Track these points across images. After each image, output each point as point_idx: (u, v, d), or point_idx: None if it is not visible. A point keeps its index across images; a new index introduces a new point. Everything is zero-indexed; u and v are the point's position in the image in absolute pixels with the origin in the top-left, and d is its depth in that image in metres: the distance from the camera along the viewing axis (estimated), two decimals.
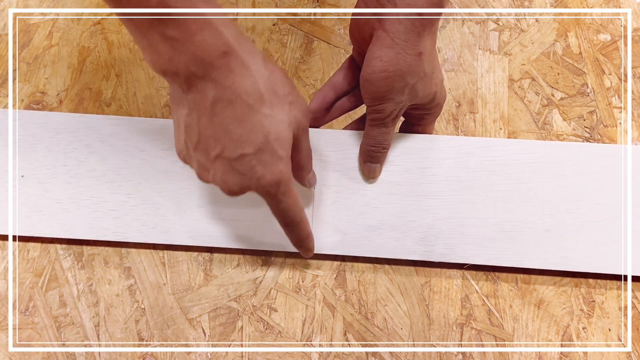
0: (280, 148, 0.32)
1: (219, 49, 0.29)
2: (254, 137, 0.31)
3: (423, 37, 0.34)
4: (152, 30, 0.29)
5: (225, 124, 0.31)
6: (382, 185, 0.43)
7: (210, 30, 0.29)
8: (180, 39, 0.29)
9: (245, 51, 0.30)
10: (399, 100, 0.36)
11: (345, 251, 0.42)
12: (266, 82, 0.31)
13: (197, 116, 0.31)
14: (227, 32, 0.29)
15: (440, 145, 0.43)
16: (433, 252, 0.41)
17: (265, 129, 0.31)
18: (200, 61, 0.29)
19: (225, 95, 0.30)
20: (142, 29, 0.29)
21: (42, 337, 0.41)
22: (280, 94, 0.32)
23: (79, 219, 0.42)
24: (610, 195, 0.42)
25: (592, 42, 0.51)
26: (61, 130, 0.44)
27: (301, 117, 0.33)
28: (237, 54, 0.29)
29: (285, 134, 0.32)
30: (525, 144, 0.43)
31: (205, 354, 0.41)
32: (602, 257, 0.41)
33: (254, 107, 0.30)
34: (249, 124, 0.31)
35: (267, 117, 0.31)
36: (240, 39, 0.30)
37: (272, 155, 0.32)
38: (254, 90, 0.30)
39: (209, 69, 0.29)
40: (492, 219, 0.42)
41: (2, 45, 0.51)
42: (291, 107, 0.32)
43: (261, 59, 0.31)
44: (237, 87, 0.30)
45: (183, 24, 0.28)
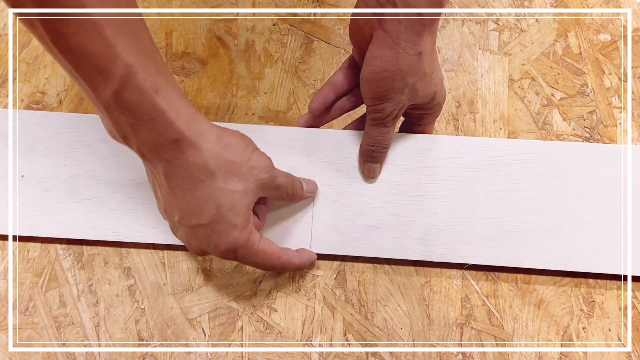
0: (235, 217, 0.34)
1: (170, 137, 0.31)
2: (207, 210, 0.33)
3: (423, 37, 0.34)
4: (107, 111, 0.30)
5: (182, 197, 0.33)
6: (382, 185, 0.43)
7: (162, 120, 0.30)
8: (133, 125, 0.30)
9: (197, 134, 0.32)
10: (398, 100, 0.36)
11: (345, 251, 0.42)
12: (218, 157, 0.33)
13: (158, 186, 0.35)
14: (179, 120, 0.31)
15: (440, 145, 0.43)
16: (433, 252, 0.41)
17: (218, 202, 0.33)
18: (152, 146, 0.31)
19: (178, 173, 0.32)
20: (98, 106, 0.30)
21: (42, 337, 0.41)
22: (237, 164, 0.34)
23: (79, 219, 0.42)
24: (610, 195, 0.42)
25: (592, 42, 0.51)
26: (61, 130, 0.44)
27: (263, 176, 0.35)
28: (187, 139, 0.31)
29: (241, 202, 0.34)
30: (525, 143, 0.43)
31: (205, 354, 0.41)
32: (602, 257, 0.41)
33: (206, 182, 0.33)
34: (201, 197, 0.33)
35: (220, 190, 0.33)
36: (192, 123, 0.32)
37: (225, 225, 0.34)
38: (204, 168, 0.32)
39: (160, 152, 0.31)
40: (492, 218, 0.42)
41: (2, 45, 0.51)
42: (251, 172, 0.34)
43: (214, 136, 0.33)
44: (188, 165, 0.32)
45: (135, 112, 0.30)
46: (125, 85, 0.29)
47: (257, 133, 0.43)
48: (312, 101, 0.41)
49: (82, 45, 0.27)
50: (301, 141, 0.43)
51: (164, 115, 0.30)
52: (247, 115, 0.48)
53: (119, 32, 0.28)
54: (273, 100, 0.49)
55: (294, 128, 0.44)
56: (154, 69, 0.30)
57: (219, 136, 0.33)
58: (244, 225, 0.35)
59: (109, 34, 0.27)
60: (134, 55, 0.29)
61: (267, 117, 0.48)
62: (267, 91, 0.49)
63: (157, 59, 0.31)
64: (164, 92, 0.30)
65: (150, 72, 0.29)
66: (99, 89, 0.29)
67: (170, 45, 0.51)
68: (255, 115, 0.48)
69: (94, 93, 0.29)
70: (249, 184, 0.35)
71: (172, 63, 0.50)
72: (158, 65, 0.30)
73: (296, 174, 0.42)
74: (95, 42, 0.27)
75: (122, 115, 0.30)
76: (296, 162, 0.43)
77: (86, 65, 0.28)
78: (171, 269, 0.43)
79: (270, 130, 0.43)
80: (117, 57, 0.28)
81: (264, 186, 0.36)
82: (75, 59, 0.28)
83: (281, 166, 0.42)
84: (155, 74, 0.30)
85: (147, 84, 0.29)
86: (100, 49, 0.27)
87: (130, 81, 0.29)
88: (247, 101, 0.49)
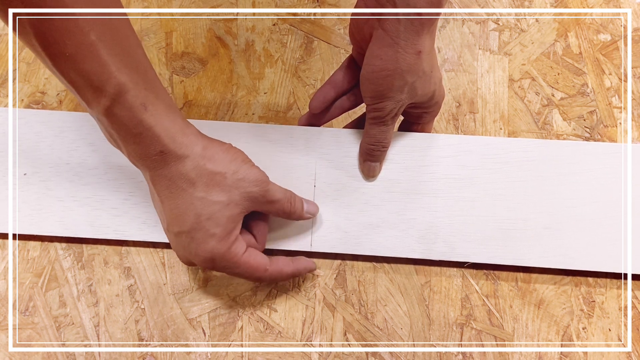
0: (214, 226, 0.34)
1: (155, 149, 0.32)
2: (187, 218, 0.34)
3: (422, 36, 0.34)
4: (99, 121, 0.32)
5: (167, 203, 0.34)
6: (382, 183, 0.43)
7: (148, 134, 0.32)
8: (122, 138, 0.32)
9: (181, 147, 0.33)
10: (398, 99, 0.37)
11: (346, 249, 0.42)
12: (200, 168, 0.34)
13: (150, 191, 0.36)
14: (165, 133, 0.32)
15: (439, 144, 0.43)
16: (433, 250, 0.41)
17: (197, 211, 0.34)
18: (139, 156, 0.33)
19: (162, 181, 0.34)
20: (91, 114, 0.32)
21: (42, 337, 0.41)
22: (220, 174, 0.34)
23: (80, 217, 0.42)
24: (609, 193, 0.42)
25: (592, 42, 0.51)
26: (65, 129, 0.44)
27: (252, 189, 0.35)
28: (172, 151, 0.33)
29: (221, 213, 0.34)
30: (524, 142, 0.43)
31: (205, 354, 0.41)
32: (602, 255, 0.41)
33: (187, 190, 0.34)
34: (183, 205, 0.34)
35: (200, 199, 0.34)
36: (178, 136, 0.33)
37: (204, 234, 0.34)
38: (186, 178, 0.34)
39: (146, 162, 0.33)
40: (492, 217, 0.42)
41: (2, 45, 0.51)
42: (237, 184, 0.35)
43: (200, 148, 0.34)
44: (171, 174, 0.33)
45: (124, 127, 0.31)
46: (116, 102, 0.30)
47: (258, 132, 0.43)
48: (313, 100, 0.41)
49: (78, 64, 0.29)
50: (302, 139, 0.43)
51: (150, 130, 0.32)
52: (247, 115, 0.48)
53: (112, 51, 0.30)
54: (273, 100, 0.49)
55: (294, 126, 0.44)
56: (144, 86, 0.31)
57: (205, 148, 0.34)
58: (223, 236, 0.35)
59: (103, 53, 0.29)
60: (126, 74, 0.30)
61: (267, 117, 0.48)
62: (267, 91, 0.49)
63: (148, 75, 0.32)
64: (152, 108, 0.32)
65: (141, 89, 0.31)
66: (92, 104, 0.31)
67: (170, 45, 0.51)
68: (255, 115, 0.48)
69: (87, 106, 0.31)
70: (234, 195, 0.35)
71: (172, 63, 0.50)
72: (149, 82, 0.32)
73: (297, 171, 0.42)
74: (91, 61, 0.29)
75: (112, 128, 0.32)
76: (297, 161, 0.43)
77: (80, 82, 0.30)
78: (171, 269, 0.43)
79: (271, 128, 0.44)
80: (111, 75, 0.30)
81: (253, 200, 0.36)
82: (70, 76, 0.29)
83: (282, 164, 0.42)
84: (145, 90, 0.31)
85: (137, 101, 0.31)
86: (95, 67, 0.29)
87: (121, 98, 0.30)
88: (247, 101, 0.49)
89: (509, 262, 0.41)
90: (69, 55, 0.28)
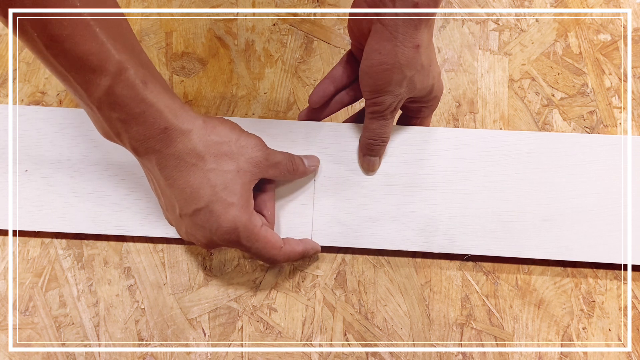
0: (231, 195, 0.34)
1: (159, 126, 0.32)
2: (202, 192, 0.34)
3: (420, 30, 0.34)
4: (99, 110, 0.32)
5: (177, 185, 0.34)
6: (381, 177, 0.43)
7: (151, 111, 0.32)
8: (124, 120, 0.32)
9: (184, 122, 0.33)
10: (397, 93, 0.37)
11: (346, 242, 0.42)
12: (205, 140, 0.34)
13: (154, 182, 0.36)
14: (167, 110, 0.32)
15: (438, 137, 0.44)
16: (433, 242, 0.41)
17: (211, 182, 0.34)
18: (143, 137, 0.32)
19: (170, 161, 0.33)
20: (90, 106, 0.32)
21: (42, 337, 0.41)
22: (225, 144, 0.35)
23: (81, 213, 0.42)
24: (607, 185, 0.42)
25: (592, 42, 0.51)
26: (66, 125, 0.44)
27: (256, 154, 0.36)
28: (175, 127, 0.33)
29: (235, 181, 0.35)
30: (522, 135, 0.44)
31: (205, 354, 0.41)
32: (601, 246, 0.41)
33: (197, 165, 0.34)
34: (195, 181, 0.34)
35: (212, 171, 0.34)
36: (179, 112, 0.33)
37: (222, 205, 0.34)
38: (194, 152, 0.34)
39: (151, 143, 0.33)
40: (491, 209, 0.42)
41: (2, 46, 0.51)
42: (241, 151, 0.35)
43: (201, 121, 0.34)
44: (179, 152, 0.33)
45: (126, 107, 0.31)
46: (118, 80, 0.30)
47: (258, 127, 0.43)
48: (312, 94, 0.41)
49: (76, 46, 0.29)
50: (302, 134, 0.43)
51: (152, 106, 0.32)
52: (247, 115, 0.48)
53: (108, 32, 0.30)
54: (273, 100, 0.49)
55: (294, 121, 0.44)
56: (141, 65, 0.31)
57: (205, 122, 0.35)
58: (242, 204, 0.35)
59: (100, 33, 0.29)
60: (123, 53, 0.30)
61: (267, 117, 0.48)
62: (267, 91, 0.49)
63: (142, 56, 0.33)
64: (152, 85, 0.32)
65: (139, 68, 0.31)
66: (91, 88, 0.30)
67: (170, 45, 0.51)
68: (255, 115, 0.48)
69: (86, 93, 0.31)
70: (241, 163, 0.35)
71: (172, 63, 0.50)
72: (144, 62, 0.32)
73: None
74: (89, 42, 0.29)
75: (114, 111, 0.31)
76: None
77: (79, 66, 0.29)
78: (171, 269, 0.43)
79: (271, 123, 0.44)
80: (109, 54, 0.30)
81: (259, 165, 0.36)
82: (68, 61, 0.29)
83: None
84: (142, 68, 0.31)
85: (137, 79, 0.31)
86: (93, 48, 0.29)
87: (122, 76, 0.30)
88: (247, 101, 0.49)
89: (508, 254, 0.41)
90: (66, 36, 0.28)
